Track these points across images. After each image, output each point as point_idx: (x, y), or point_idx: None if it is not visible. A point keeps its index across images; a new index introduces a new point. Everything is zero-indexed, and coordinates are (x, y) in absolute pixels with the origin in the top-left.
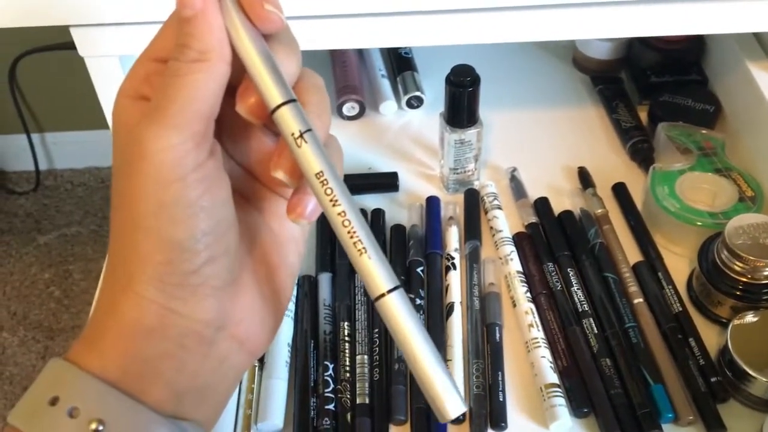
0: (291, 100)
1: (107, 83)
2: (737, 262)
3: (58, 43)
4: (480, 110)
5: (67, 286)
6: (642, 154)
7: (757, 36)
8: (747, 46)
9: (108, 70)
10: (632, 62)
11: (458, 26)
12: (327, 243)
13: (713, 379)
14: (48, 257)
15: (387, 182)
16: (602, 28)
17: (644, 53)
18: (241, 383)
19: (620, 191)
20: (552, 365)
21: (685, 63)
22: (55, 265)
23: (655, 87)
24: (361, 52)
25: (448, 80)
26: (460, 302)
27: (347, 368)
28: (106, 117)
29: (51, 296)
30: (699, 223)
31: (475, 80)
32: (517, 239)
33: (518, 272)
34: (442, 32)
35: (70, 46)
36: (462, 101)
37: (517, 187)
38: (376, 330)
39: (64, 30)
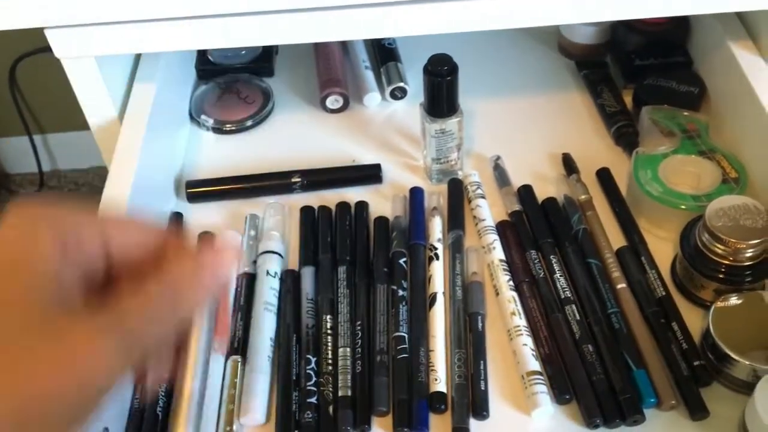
0: None
1: (85, 84)
2: (718, 245)
3: None
4: (464, 98)
5: None
6: (627, 138)
7: (740, 15)
8: (730, 26)
9: (85, 71)
10: (617, 46)
11: (440, 15)
12: (310, 237)
13: (696, 363)
14: None
15: (370, 174)
16: (585, 11)
17: (628, 36)
18: (223, 378)
19: (604, 176)
20: (534, 353)
21: (669, 45)
22: None
23: (639, 70)
24: (344, 44)
25: (426, 70)
26: (443, 292)
27: (329, 361)
28: (87, 118)
29: None
30: (683, 206)
31: (453, 69)
32: (501, 227)
33: (501, 261)
34: (424, 22)
35: None
36: (441, 91)
37: (500, 176)
38: (359, 323)
39: None
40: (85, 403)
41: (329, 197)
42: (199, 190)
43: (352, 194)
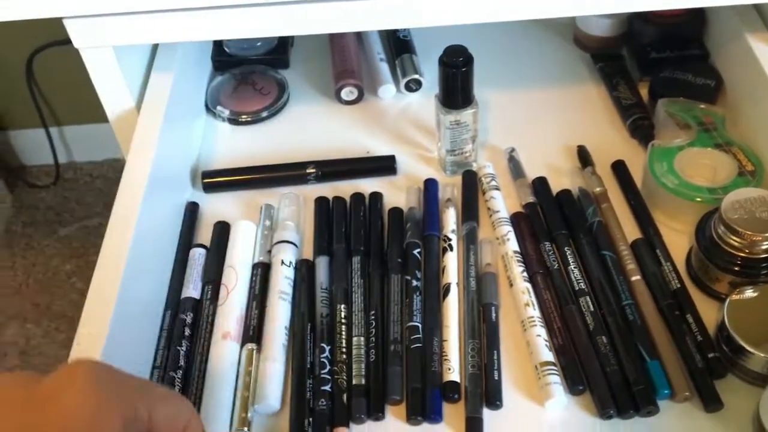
0: None
1: (103, 74)
2: (734, 237)
3: None
4: (479, 90)
5: (88, 276)
6: (642, 131)
7: (758, 8)
8: (747, 18)
9: (103, 61)
10: (632, 38)
11: (456, 6)
12: (324, 227)
13: (710, 355)
14: (69, 249)
15: (385, 165)
16: (601, 3)
17: (644, 29)
18: (238, 366)
19: (619, 169)
20: (548, 343)
21: (685, 38)
22: (77, 257)
23: (655, 63)
24: (359, 36)
25: (441, 61)
26: (457, 283)
27: (343, 350)
28: (105, 107)
29: (73, 287)
30: (698, 199)
31: (468, 60)
32: (515, 219)
33: (515, 252)
34: (440, 12)
35: None
36: (456, 82)
37: (515, 167)
38: (373, 312)
39: None
40: None
41: (344, 188)
42: (215, 180)
43: (367, 185)
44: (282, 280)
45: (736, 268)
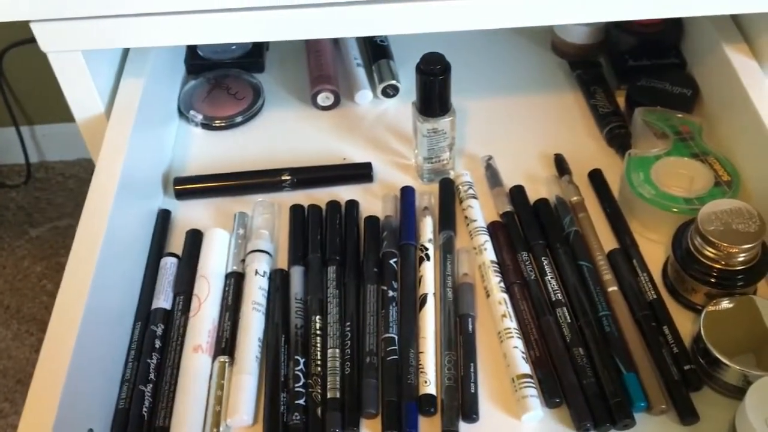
0: None
1: (71, 78)
2: (710, 249)
3: None
4: (456, 98)
5: (59, 278)
6: (619, 139)
7: (735, 18)
8: (724, 28)
9: (72, 66)
10: (610, 47)
11: (433, 14)
12: (299, 236)
13: (687, 367)
14: (40, 250)
15: (361, 173)
16: (578, 12)
17: (622, 37)
18: (210, 379)
19: (596, 178)
20: (524, 355)
21: (663, 46)
22: (47, 258)
23: (633, 71)
24: (336, 41)
25: (418, 69)
26: (434, 293)
27: (318, 362)
28: (73, 113)
29: (44, 289)
30: (675, 209)
31: (446, 68)
32: (492, 228)
33: (492, 262)
34: (417, 20)
35: None
36: (433, 90)
37: (492, 176)
38: (348, 323)
39: None
40: None
41: (319, 196)
42: (187, 187)
43: (343, 193)
44: (256, 291)
45: (713, 280)
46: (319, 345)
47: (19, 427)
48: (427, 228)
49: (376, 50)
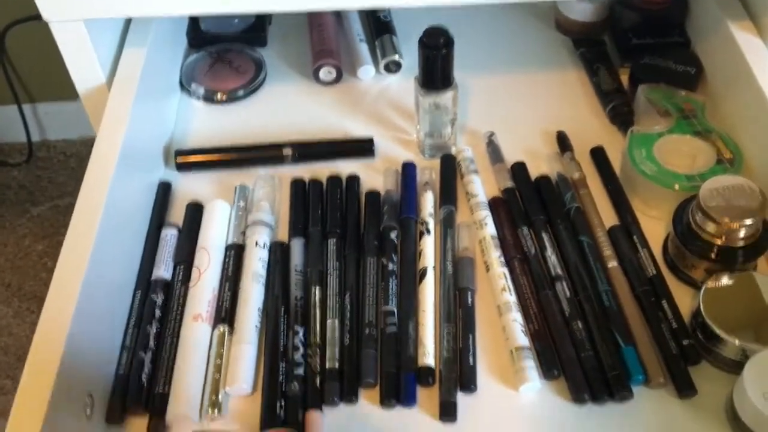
0: None
1: (73, 48)
2: (711, 225)
3: None
4: (459, 74)
5: None
6: (622, 117)
7: None
8: (729, 6)
9: (74, 36)
10: (614, 24)
11: None
12: (300, 209)
13: (685, 342)
14: (41, 229)
15: (363, 148)
16: None
17: (626, 15)
18: (210, 347)
19: (598, 155)
20: (523, 328)
21: (667, 24)
22: (49, 237)
23: (636, 49)
24: (338, 16)
25: (421, 42)
26: (433, 267)
27: (317, 333)
28: (75, 84)
29: (45, 267)
30: (676, 186)
31: (449, 41)
32: (493, 204)
33: (492, 237)
34: None
35: None
36: (436, 63)
37: (494, 152)
38: (348, 295)
39: None
40: None
41: (320, 170)
42: (189, 160)
43: (344, 167)
44: (256, 262)
45: (713, 256)
46: (318, 316)
47: (18, 389)
48: (428, 203)
49: (378, 25)
